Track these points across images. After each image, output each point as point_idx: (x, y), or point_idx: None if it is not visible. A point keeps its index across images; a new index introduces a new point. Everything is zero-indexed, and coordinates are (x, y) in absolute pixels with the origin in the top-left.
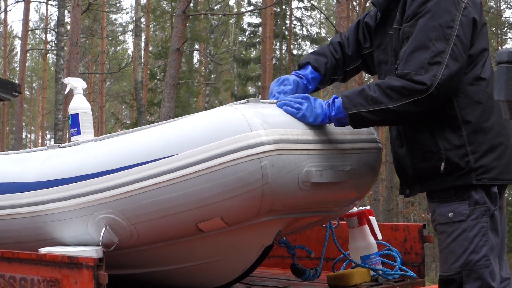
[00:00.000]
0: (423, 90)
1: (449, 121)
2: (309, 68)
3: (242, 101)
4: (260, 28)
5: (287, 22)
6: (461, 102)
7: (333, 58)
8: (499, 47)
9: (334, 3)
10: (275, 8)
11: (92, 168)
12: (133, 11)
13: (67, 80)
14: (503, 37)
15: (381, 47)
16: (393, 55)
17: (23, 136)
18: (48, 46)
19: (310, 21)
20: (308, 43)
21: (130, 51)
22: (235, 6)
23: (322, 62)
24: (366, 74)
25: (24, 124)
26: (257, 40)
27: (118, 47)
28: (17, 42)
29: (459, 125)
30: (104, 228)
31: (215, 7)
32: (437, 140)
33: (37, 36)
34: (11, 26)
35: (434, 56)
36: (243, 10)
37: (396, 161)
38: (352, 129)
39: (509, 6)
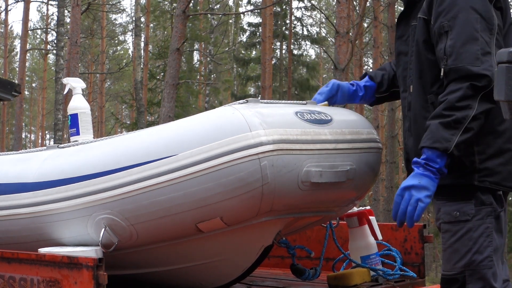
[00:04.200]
0: (486, 81)
1: None
2: (366, 77)
3: (241, 101)
4: (260, 28)
5: (287, 22)
6: None
7: (392, 70)
8: None
9: (334, 3)
10: (275, 8)
11: (91, 169)
12: (133, 11)
13: (66, 80)
14: None
15: (402, 38)
16: (414, 45)
17: (23, 136)
18: (49, 46)
19: (310, 21)
20: (308, 43)
21: (130, 51)
22: (234, 6)
23: (380, 72)
24: (365, 71)
25: (23, 124)
26: (257, 40)
27: (119, 47)
28: (17, 42)
29: None
30: (103, 229)
31: (215, 7)
32: None
33: (38, 36)
34: (11, 26)
35: (484, 47)
36: (243, 10)
37: (405, 152)
38: (352, 129)
39: (509, 6)
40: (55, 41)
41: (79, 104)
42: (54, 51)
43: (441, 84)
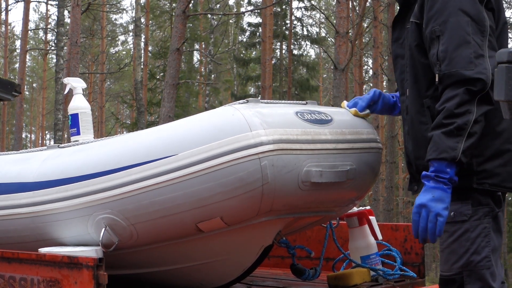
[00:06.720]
0: (481, 85)
1: None
2: None
3: (242, 101)
4: (260, 28)
5: (287, 22)
6: None
7: None
8: None
9: (334, 3)
10: (275, 8)
11: (92, 168)
12: (133, 11)
13: (66, 80)
14: None
15: (398, 41)
16: (408, 49)
17: (23, 136)
18: (48, 46)
19: (310, 21)
20: (308, 43)
21: (131, 52)
22: (234, 6)
23: None
24: (366, 74)
25: (24, 124)
26: (257, 40)
27: (120, 47)
28: (18, 42)
29: None
30: (103, 228)
31: (215, 7)
32: None
33: (38, 36)
34: (14, 26)
35: (477, 50)
36: (243, 10)
37: (405, 155)
38: (352, 129)
39: (509, 6)
40: (55, 41)
41: (79, 104)
42: (54, 51)
43: (436, 88)
